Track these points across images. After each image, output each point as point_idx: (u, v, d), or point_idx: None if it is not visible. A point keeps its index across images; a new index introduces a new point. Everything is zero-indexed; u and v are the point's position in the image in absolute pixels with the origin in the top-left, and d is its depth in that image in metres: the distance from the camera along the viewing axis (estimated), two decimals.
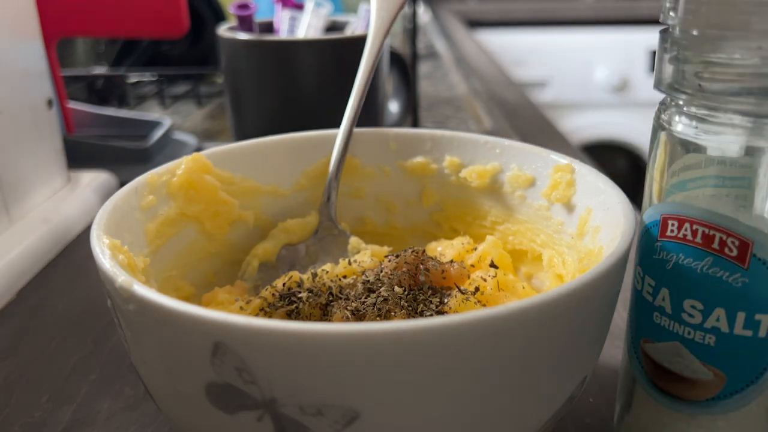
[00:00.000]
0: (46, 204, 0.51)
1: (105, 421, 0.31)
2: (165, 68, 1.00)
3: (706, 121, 0.21)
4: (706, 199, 0.22)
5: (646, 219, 0.24)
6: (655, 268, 0.24)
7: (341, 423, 0.20)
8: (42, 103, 0.52)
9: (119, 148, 0.66)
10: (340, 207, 0.37)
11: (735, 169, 0.21)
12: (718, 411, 0.24)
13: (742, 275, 0.21)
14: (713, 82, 0.21)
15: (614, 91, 2.08)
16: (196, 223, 0.34)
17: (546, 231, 0.33)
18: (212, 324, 0.19)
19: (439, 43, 1.61)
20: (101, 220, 0.27)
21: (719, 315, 0.22)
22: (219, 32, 0.55)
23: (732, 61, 0.20)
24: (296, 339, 0.18)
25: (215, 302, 0.31)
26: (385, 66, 0.58)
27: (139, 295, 0.21)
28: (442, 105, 0.98)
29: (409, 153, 0.37)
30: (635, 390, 0.26)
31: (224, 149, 0.34)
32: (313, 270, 0.31)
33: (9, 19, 0.48)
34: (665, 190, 0.23)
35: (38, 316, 0.41)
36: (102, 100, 0.92)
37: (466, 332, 0.19)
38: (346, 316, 0.27)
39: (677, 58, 0.21)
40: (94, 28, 0.66)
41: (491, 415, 0.21)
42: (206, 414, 0.21)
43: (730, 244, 0.21)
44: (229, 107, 0.57)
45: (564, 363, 0.22)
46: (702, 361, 0.23)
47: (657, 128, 0.23)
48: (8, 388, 0.34)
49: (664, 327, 0.24)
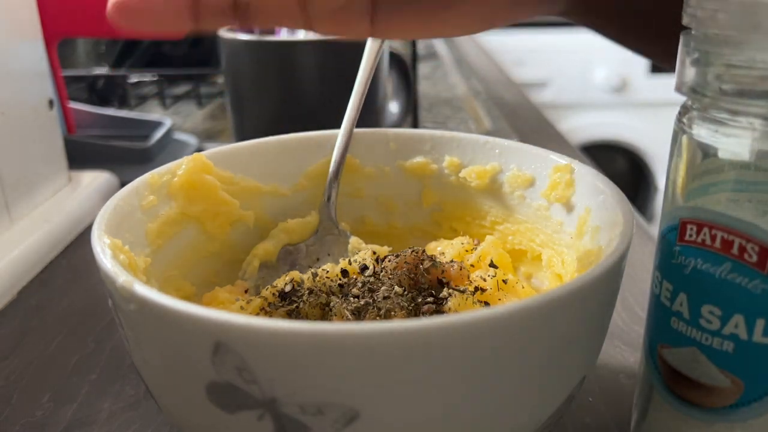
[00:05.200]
0: (47, 204, 0.51)
1: (106, 420, 0.32)
2: (166, 69, 1.00)
3: (727, 125, 0.21)
4: (726, 204, 0.22)
5: (665, 223, 0.24)
6: (673, 272, 0.24)
7: (341, 422, 0.20)
8: (43, 103, 0.52)
9: (120, 148, 0.66)
10: (340, 207, 0.37)
11: (756, 173, 0.21)
12: (736, 419, 0.23)
13: (762, 282, 0.21)
14: (735, 85, 0.20)
15: (614, 92, 2.08)
16: (196, 223, 0.34)
17: (545, 231, 0.33)
18: (213, 324, 0.19)
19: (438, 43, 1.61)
20: (102, 220, 0.27)
21: (738, 322, 0.22)
22: (219, 33, 0.56)
23: (754, 64, 0.20)
24: (296, 339, 0.19)
25: (216, 302, 0.31)
26: (385, 66, 0.58)
27: (140, 294, 0.21)
28: (442, 105, 0.98)
29: (409, 153, 0.37)
30: (652, 396, 0.26)
31: (225, 149, 0.35)
32: (313, 270, 0.31)
33: (10, 20, 0.48)
34: (685, 194, 0.23)
35: (39, 316, 0.41)
36: (103, 101, 0.92)
37: (466, 332, 0.19)
38: (346, 316, 0.27)
39: (698, 61, 0.21)
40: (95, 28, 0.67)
41: (490, 415, 0.21)
42: (207, 413, 0.21)
43: (749, 249, 0.21)
44: (229, 107, 0.58)
45: (563, 362, 0.22)
46: (720, 367, 0.23)
47: (677, 132, 0.23)
48: (9, 388, 0.34)
49: (681, 332, 0.23)
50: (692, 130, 0.22)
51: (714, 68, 0.21)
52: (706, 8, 0.21)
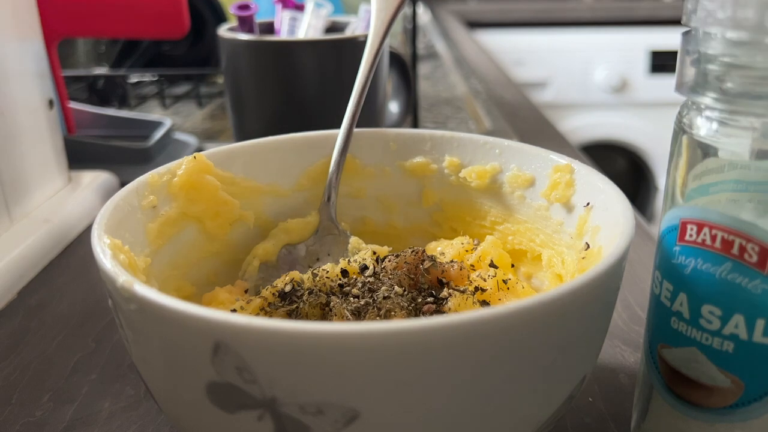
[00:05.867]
0: (47, 204, 0.51)
1: (106, 420, 0.32)
2: (166, 69, 1.00)
3: (727, 125, 0.21)
4: (726, 204, 0.22)
5: (665, 223, 0.24)
6: (674, 272, 0.24)
7: (341, 422, 0.20)
8: (43, 103, 0.52)
9: (120, 148, 0.66)
10: (340, 207, 0.37)
11: (757, 173, 0.21)
12: (736, 419, 0.23)
13: (762, 282, 0.21)
14: (735, 85, 0.20)
15: (613, 92, 2.08)
16: (196, 223, 0.34)
17: (545, 231, 0.33)
18: (213, 323, 0.19)
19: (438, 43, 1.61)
20: (102, 220, 0.27)
21: (738, 322, 0.22)
22: (219, 33, 0.56)
23: (754, 64, 0.20)
24: (296, 339, 0.19)
25: (216, 302, 0.31)
26: (385, 66, 0.58)
27: (140, 294, 0.21)
28: (442, 105, 0.98)
29: (409, 153, 0.37)
30: (652, 396, 0.26)
31: (225, 149, 0.35)
32: (313, 270, 0.31)
33: (10, 20, 0.48)
34: (686, 194, 0.23)
35: (39, 316, 0.41)
36: (103, 101, 0.92)
37: (466, 332, 0.19)
38: (346, 316, 0.27)
39: (699, 61, 0.21)
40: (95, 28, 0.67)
41: (490, 415, 0.21)
42: (207, 413, 0.21)
43: (749, 249, 0.21)
44: (229, 107, 0.58)
45: (563, 362, 0.22)
46: (720, 367, 0.23)
47: (678, 132, 0.23)
48: (9, 388, 0.34)
49: (681, 332, 0.23)
50: (692, 130, 0.22)
51: (714, 68, 0.21)
52: (706, 8, 0.21)
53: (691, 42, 0.22)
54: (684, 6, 0.22)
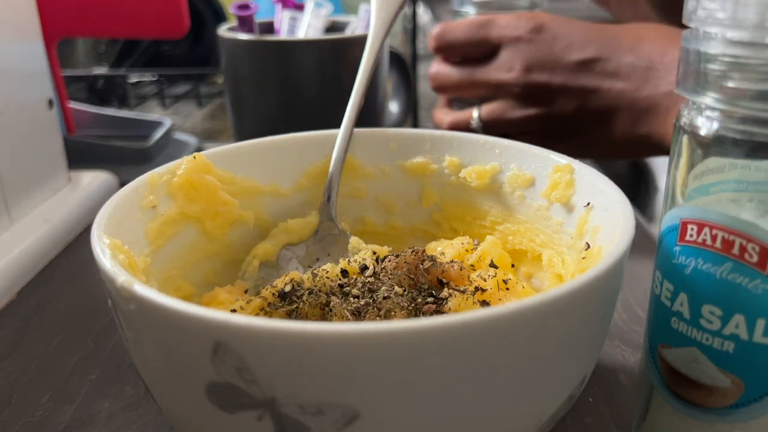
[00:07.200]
0: (46, 204, 0.51)
1: (105, 420, 0.32)
2: (165, 68, 1.00)
3: (728, 124, 0.21)
4: (727, 204, 0.22)
5: (666, 223, 0.24)
6: (674, 272, 0.23)
7: (341, 422, 0.20)
8: (43, 103, 0.52)
9: (120, 148, 0.66)
10: (340, 207, 0.37)
11: (757, 173, 0.21)
12: (736, 419, 0.23)
13: (762, 282, 0.21)
14: (735, 85, 0.20)
15: None
16: (196, 223, 0.34)
17: (545, 231, 0.33)
18: (213, 324, 0.19)
19: None
20: (102, 219, 0.27)
21: (738, 322, 0.22)
22: (219, 32, 0.56)
23: (755, 63, 0.20)
24: (296, 339, 0.18)
25: (216, 302, 0.31)
26: (385, 66, 0.58)
27: (140, 294, 0.21)
28: None
29: (409, 153, 0.37)
30: (652, 396, 0.26)
31: (225, 149, 0.35)
32: (313, 270, 0.31)
33: (10, 20, 0.48)
34: (686, 194, 0.23)
35: (39, 316, 0.41)
36: (102, 101, 0.93)
37: (466, 332, 0.19)
38: (346, 316, 0.27)
39: (699, 61, 0.21)
40: (94, 28, 0.67)
41: (490, 414, 0.21)
42: (207, 413, 0.21)
43: (750, 249, 0.21)
44: (229, 107, 0.58)
45: (563, 362, 0.22)
46: (720, 368, 0.23)
47: (678, 131, 0.23)
48: (9, 388, 0.34)
49: (681, 332, 0.23)
50: (693, 129, 0.22)
51: (714, 68, 0.21)
52: (706, 8, 0.21)
53: (691, 42, 0.22)
54: (684, 6, 0.22)
